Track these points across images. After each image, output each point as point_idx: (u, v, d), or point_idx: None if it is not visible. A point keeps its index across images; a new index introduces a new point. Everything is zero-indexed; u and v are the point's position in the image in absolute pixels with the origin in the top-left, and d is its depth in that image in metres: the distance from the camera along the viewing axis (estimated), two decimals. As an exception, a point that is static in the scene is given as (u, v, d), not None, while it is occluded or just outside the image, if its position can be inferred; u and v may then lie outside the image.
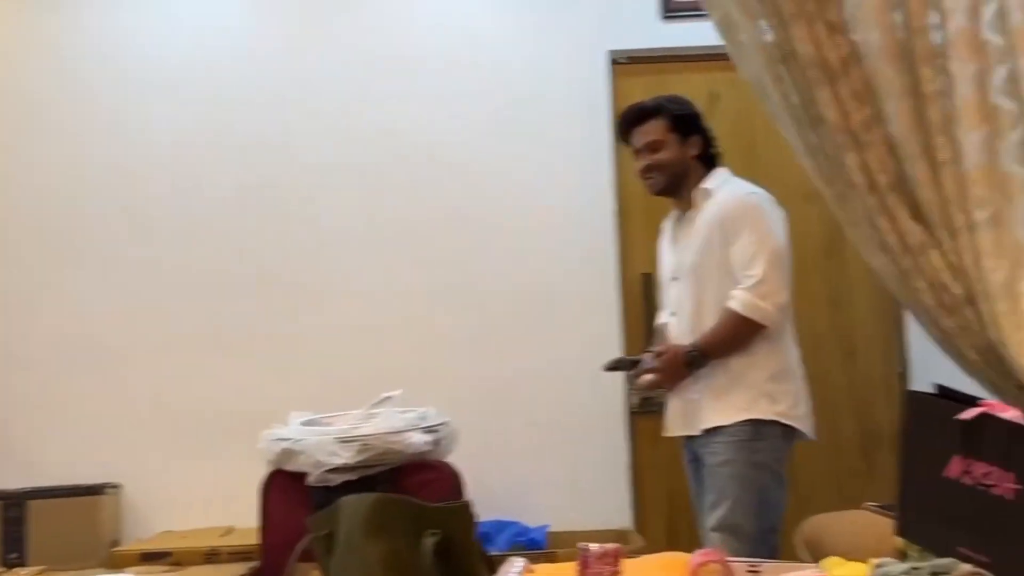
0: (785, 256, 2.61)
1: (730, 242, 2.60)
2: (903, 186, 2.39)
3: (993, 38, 2.38)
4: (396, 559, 1.46)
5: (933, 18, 2.39)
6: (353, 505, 1.51)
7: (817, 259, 3.40)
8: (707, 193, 2.69)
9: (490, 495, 3.25)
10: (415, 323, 3.50)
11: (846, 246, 3.35)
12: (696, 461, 2.70)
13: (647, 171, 2.72)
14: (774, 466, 2.57)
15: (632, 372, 2.73)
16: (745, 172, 3.37)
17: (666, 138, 2.70)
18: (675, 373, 2.63)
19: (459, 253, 3.54)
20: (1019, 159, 2.35)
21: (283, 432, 2.73)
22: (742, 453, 2.54)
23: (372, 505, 1.49)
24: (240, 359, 3.49)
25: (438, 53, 3.58)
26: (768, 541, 2.53)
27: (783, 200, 3.39)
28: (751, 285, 2.55)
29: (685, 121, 2.72)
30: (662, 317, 2.83)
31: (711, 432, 2.59)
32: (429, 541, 1.43)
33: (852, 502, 3.28)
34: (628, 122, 2.75)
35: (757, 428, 2.56)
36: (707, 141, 2.75)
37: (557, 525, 3.26)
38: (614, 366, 2.75)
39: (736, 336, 2.59)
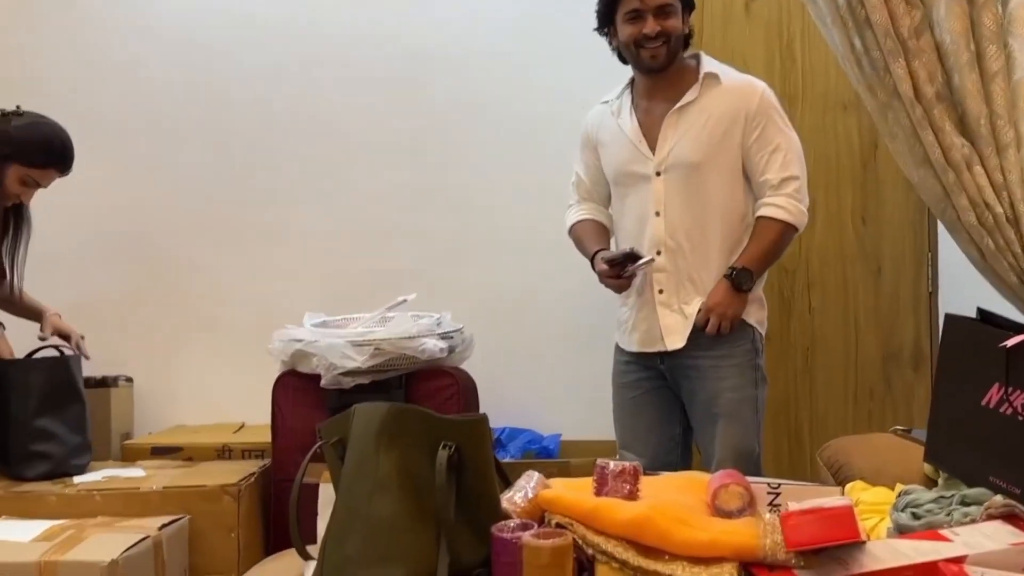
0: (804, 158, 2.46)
1: (754, 136, 2.40)
2: (950, 97, 2.28)
3: (1057, -62, 2.24)
4: (409, 471, 1.41)
5: (995, -85, 2.25)
6: (366, 414, 1.45)
7: (853, 171, 3.27)
8: (715, 79, 2.43)
9: (503, 403, 3.22)
10: (430, 227, 3.42)
11: (883, 159, 3.22)
12: (661, 379, 2.52)
13: (658, 38, 2.37)
14: (765, 386, 2.48)
15: (634, 266, 2.41)
16: (781, 78, 3.26)
17: (676, 4, 2.40)
18: (734, 304, 2.39)
19: (478, 156, 3.43)
20: (1077, 71, 2.22)
21: (296, 333, 2.69)
22: (748, 373, 2.43)
23: (386, 415, 1.43)
24: (255, 257, 3.43)
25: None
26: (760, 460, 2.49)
27: (821, 109, 3.29)
28: (792, 190, 2.38)
29: None
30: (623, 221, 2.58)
31: (703, 346, 2.42)
32: (444, 454, 1.38)
33: (869, 422, 3.26)
34: None
35: (755, 343, 2.45)
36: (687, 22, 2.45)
37: (569, 434, 3.24)
38: (623, 260, 2.41)
39: (781, 247, 2.43)
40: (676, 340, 2.46)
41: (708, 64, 2.47)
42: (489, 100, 3.43)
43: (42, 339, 2.77)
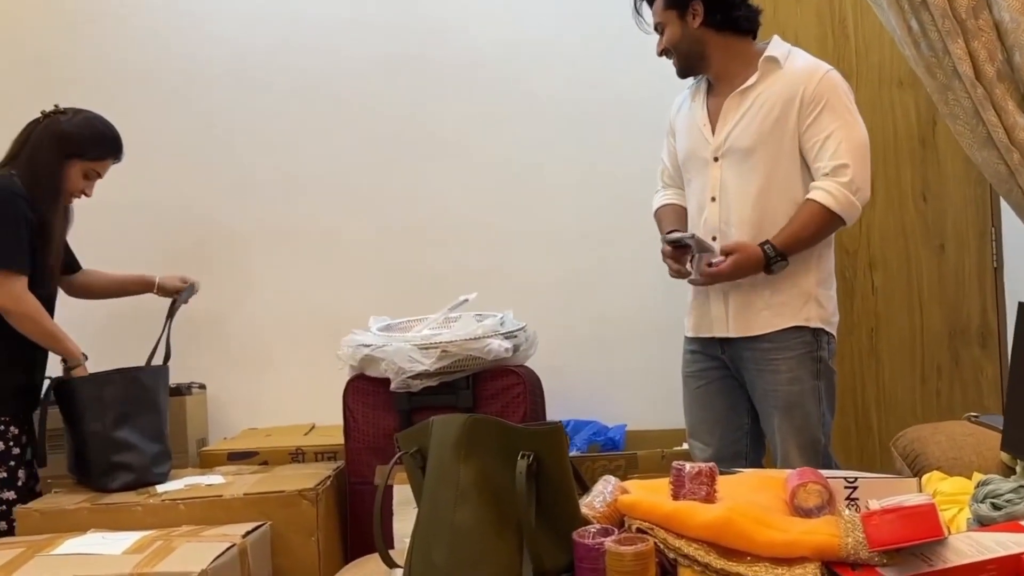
0: (868, 148, 2.39)
1: (808, 122, 2.35)
2: (1012, 76, 2.24)
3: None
4: (489, 480, 1.44)
5: None
6: (444, 426, 1.49)
7: (912, 148, 3.23)
8: (775, 63, 2.40)
9: (567, 394, 3.25)
10: (486, 223, 3.44)
11: (942, 134, 3.17)
12: (725, 368, 2.52)
13: (665, 54, 2.51)
14: (831, 375, 2.45)
15: (699, 255, 2.40)
16: (834, 56, 3.22)
17: (664, 18, 2.47)
18: (747, 273, 2.37)
19: (526, 149, 3.44)
20: None
21: (364, 338, 2.74)
22: (808, 364, 2.39)
23: (463, 427, 1.46)
24: (315, 260, 3.48)
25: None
26: (828, 449, 2.47)
27: (876, 85, 3.25)
28: (846, 180, 2.30)
29: None
30: (684, 201, 2.60)
31: (760, 339, 2.41)
32: (523, 463, 1.41)
33: (937, 400, 3.23)
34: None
35: (816, 337, 2.41)
36: (714, 5, 2.43)
37: (635, 424, 3.25)
38: (682, 242, 2.39)
39: (819, 235, 2.36)
40: (723, 328, 2.47)
41: (773, 48, 2.44)
42: (542, 93, 3.44)
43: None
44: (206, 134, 3.51)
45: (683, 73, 2.54)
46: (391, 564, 1.61)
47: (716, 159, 2.44)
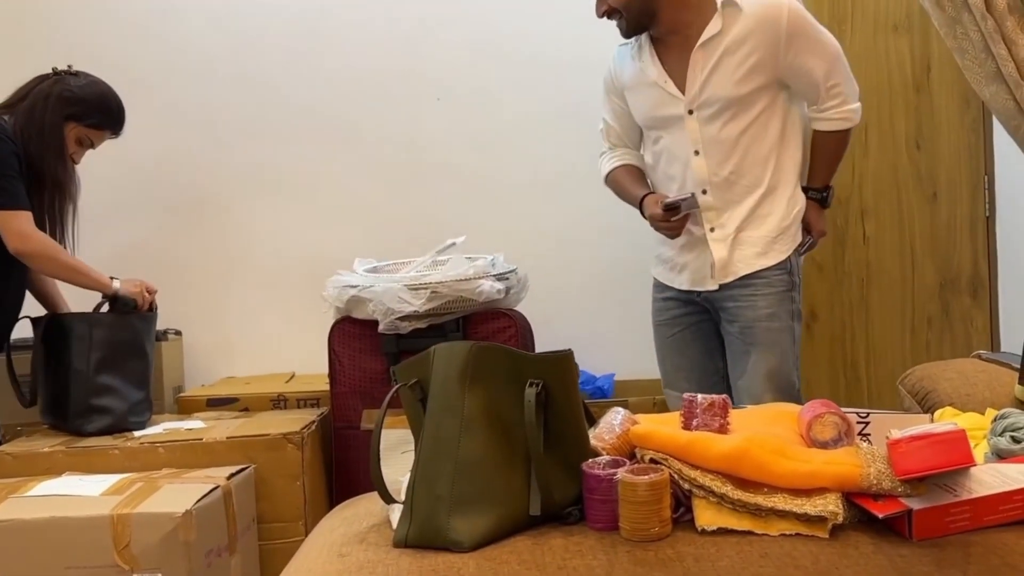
0: (841, 51, 2.38)
1: (789, 59, 2.28)
2: (1022, 8, 2.19)
3: None
4: (495, 410, 1.38)
5: None
6: (447, 354, 1.42)
7: (906, 95, 3.18)
8: (734, 7, 2.29)
9: (553, 344, 3.17)
10: (468, 169, 3.37)
11: (936, 81, 3.13)
12: (702, 313, 2.46)
13: (609, 15, 2.39)
14: (800, 320, 2.41)
15: (683, 211, 2.34)
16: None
17: None
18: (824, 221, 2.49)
19: (515, 93, 3.36)
20: None
21: (351, 279, 2.65)
22: (786, 304, 2.35)
23: (468, 354, 1.39)
24: (295, 204, 3.39)
25: None
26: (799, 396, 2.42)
27: (871, 31, 3.20)
28: (844, 96, 2.33)
29: None
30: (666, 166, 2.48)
31: (742, 279, 2.36)
32: (531, 391, 1.35)
33: (927, 351, 3.21)
34: None
35: (791, 271, 2.36)
36: None
37: (623, 373, 3.21)
38: (675, 204, 2.31)
39: (843, 151, 2.44)
40: (707, 282, 2.40)
41: None
42: (523, 37, 3.36)
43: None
44: (181, 75, 3.39)
45: (631, 33, 2.42)
46: (390, 500, 1.54)
47: (691, 112, 2.36)
